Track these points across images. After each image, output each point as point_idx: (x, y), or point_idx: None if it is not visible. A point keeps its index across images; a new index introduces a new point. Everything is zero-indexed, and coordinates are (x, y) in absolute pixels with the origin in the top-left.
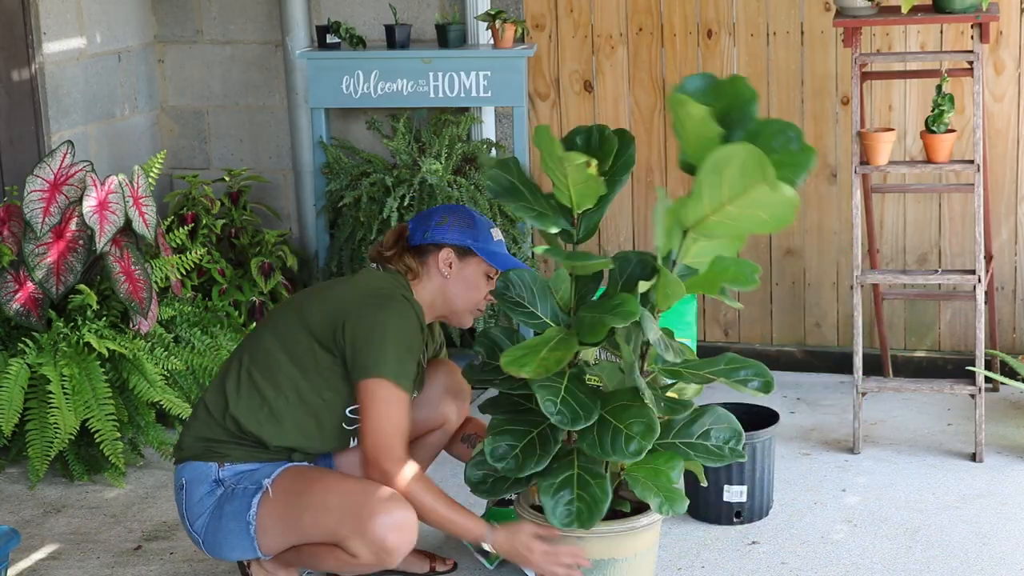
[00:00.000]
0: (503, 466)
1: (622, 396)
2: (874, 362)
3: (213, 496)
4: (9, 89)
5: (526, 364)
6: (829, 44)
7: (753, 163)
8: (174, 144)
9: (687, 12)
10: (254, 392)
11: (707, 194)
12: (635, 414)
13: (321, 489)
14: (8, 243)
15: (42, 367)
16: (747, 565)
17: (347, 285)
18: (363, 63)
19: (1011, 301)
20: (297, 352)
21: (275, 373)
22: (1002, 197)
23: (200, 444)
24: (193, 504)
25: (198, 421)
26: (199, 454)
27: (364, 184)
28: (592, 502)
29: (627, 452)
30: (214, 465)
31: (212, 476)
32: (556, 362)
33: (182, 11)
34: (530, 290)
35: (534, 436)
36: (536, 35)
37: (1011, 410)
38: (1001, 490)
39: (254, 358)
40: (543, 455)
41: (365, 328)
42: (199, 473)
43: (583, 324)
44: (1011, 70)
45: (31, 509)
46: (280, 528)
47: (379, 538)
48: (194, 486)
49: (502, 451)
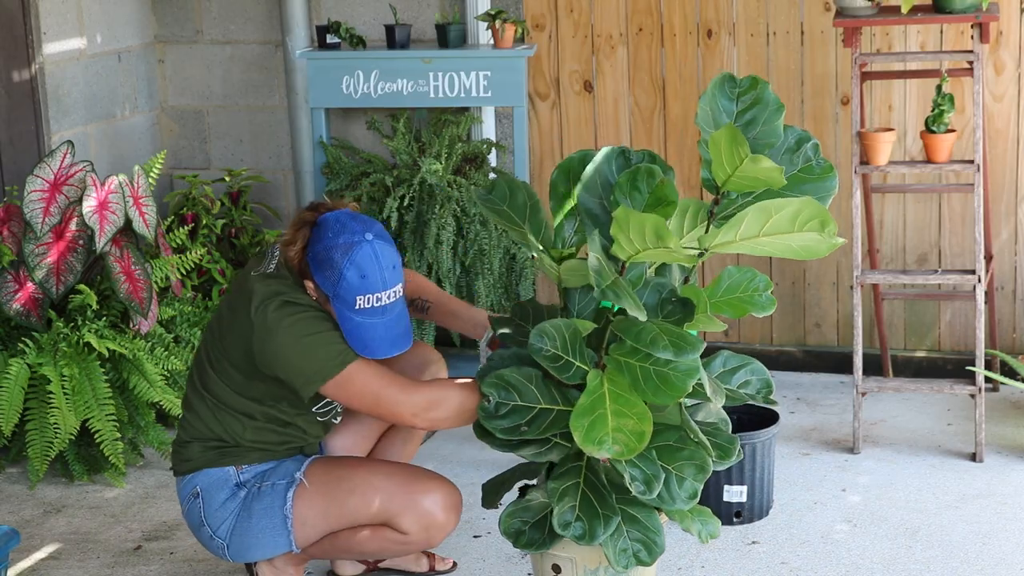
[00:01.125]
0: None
1: (666, 436)
2: (874, 362)
3: (236, 499)
4: (9, 89)
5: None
6: (829, 44)
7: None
8: (174, 144)
9: (687, 12)
10: (229, 417)
11: (746, 227)
12: (687, 456)
13: (365, 471)
14: (8, 243)
15: (42, 367)
16: (747, 565)
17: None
18: (363, 63)
19: (1011, 301)
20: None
21: (234, 406)
22: (1002, 197)
23: (210, 453)
24: (214, 511)
25: (198, 435)
26: (212, 460)
27: (364, 184)
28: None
29: (682, 496)
30: (231, 469)
31: (232, 480)
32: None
33: (182, 11)
34: (562, 338)
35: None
36: (536, 35)
37: (1011, 410)
38: (1001, 490)
39: (212, 392)
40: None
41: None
42: (216, 479)
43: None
44: (1011, 70)
45: (31, 509)
46: (322, 515)
47: (429, 513)
48: (212, 492)
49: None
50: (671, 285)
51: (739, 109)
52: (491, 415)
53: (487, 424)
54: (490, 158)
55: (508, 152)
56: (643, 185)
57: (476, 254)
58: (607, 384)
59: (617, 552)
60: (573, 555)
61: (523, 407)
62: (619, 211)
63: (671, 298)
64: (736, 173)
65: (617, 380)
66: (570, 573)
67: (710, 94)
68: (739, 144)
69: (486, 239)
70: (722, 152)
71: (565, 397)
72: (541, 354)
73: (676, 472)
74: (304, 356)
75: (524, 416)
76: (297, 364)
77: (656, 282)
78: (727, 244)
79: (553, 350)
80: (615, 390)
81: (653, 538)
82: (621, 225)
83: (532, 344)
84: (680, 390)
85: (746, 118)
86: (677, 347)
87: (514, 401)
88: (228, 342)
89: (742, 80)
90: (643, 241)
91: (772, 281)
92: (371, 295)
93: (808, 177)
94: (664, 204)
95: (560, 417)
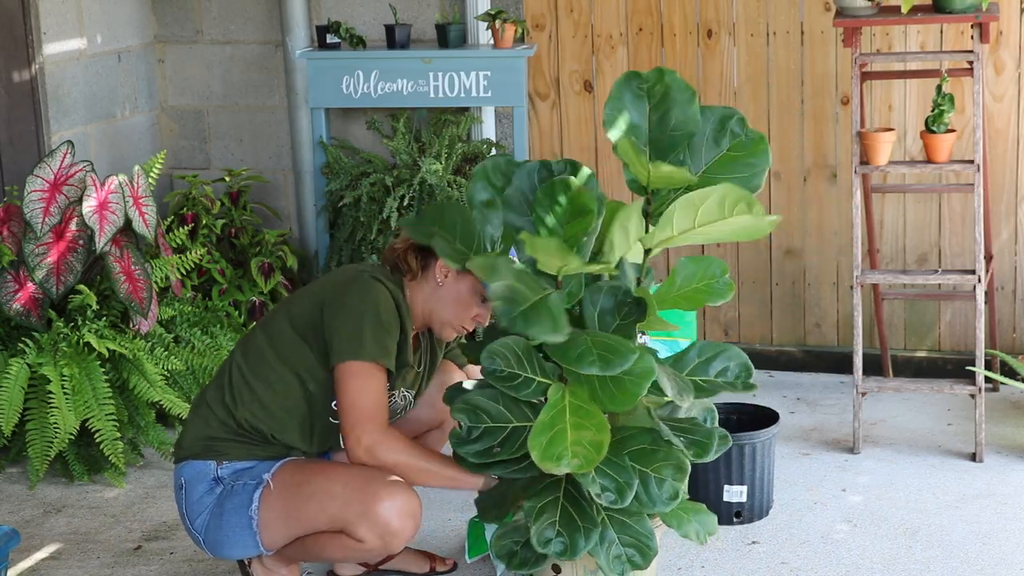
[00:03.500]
0: (553, 550)
1: (640, 439)
2: (874, 362)
3: (212, 495)
4: (9, 89)
5: (561, 455)
6: (829, 44)
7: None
8: (174, 144)
9: (687, 12)
10: (245, 387)
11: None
12: (663, 457)
13: (323, 477)
14: (8, 243)
15: (42, 367)
16: (747, 565)
17: (328, 277)
18: (363, 63)
19: (1011, 301)
20: (283, 348)
21: (264, 369)
22: (1002, 197)
23: (199, 443)
24: (192, 503)
25: (198, 418)
26: (198, 453)
27: (364, 184)
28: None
29: (662, 499)
30: (212, 463)
31: (211, 474)
32: (596, 448)
33: (182, 11)
34: (515, 355)
35: (563, 502)
36: (536, 35)
37: (1011, 410)
38: (1001, 490)
39: (246, 355)
40: (588, 527)
41: (338, 313)
42: (198, 472)
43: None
44: (1011, 70)
45: (31, 509)
46: (283, 520)
47: (384, 521)
48: (193, 485)
49: (547, 534)
50: (626, 287)
51: (651, 104)
52: (463, 440)
53: (459, 450)
54: None
55: (508, 152)
56: (561, 197)
57: None
58: (568, 397)
59: (611, 560)
60: None
61: (495, 428)
62: (525, 240)
63: (626, 299)
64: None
65: (578, 392)
66: (570, 573)
67: (615, 96)
68: (637, 154)
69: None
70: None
71: (535, 411)
72: (495, 376)
73: (655, 474)
74: (360, 325)
75: (496, 437)
76: (350, 327)
77: (611, 285)
78: (668, 240)
79: (507, 369)
80: (575, 402)
81: (646, 542)
82: (531, 251)
83: (484, 367)
84: (634, 395)
85: (660, 112)
86: (604, 360)
87: (485, 424)
88: (300, 300)
89: (647, 74)
90: (552, 262)
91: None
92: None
93: (739, 154)
94: (583, 214)
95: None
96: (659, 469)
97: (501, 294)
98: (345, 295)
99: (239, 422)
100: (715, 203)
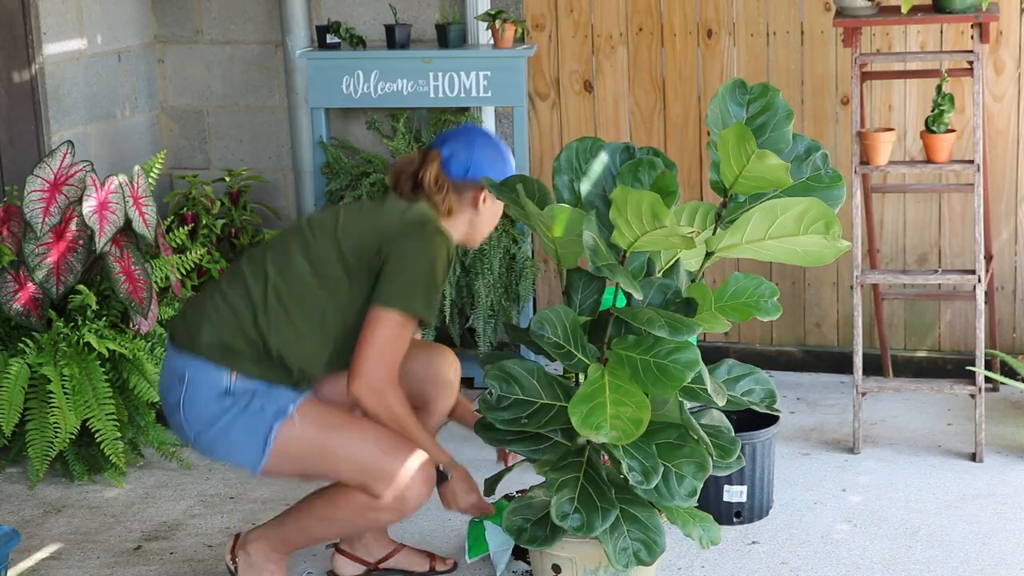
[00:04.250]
0: (570, 524)
1: (667, 433)
2: (874, 362)
3: (220, 405)
4: (9, 89)
5: (600, 425)
6: (829, 44)
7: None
8: (174, 144)
9: (687, 12)
10: (282, 312)
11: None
12: (687, 453)
13: (356, 429)
14: (8, 243)
15: (42, 367)
16: (747, 565)
17: (384, 212)
18: (363, 63)
19: (1011, 301)
20: (328, 278)
21: (305, 297)
22: (1002, 197)
23: (216, 346)
24: (194, 403)
25: (219, 318)
26: (213, 354)
27: (364, 184)
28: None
29: (680, 494)
30: (225, 373)
31: (223, 385)
32: (635, 424)
33: (182, 11)
34: (563, 327)
35: (582, 481)
36: (536, 35)
37: (1011, 410)
38: (1001, 490)
39: (284, 276)
40: (606, 508)
41: (404, 257)
42: (208, 376)
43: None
44: (1011, 70)
45: (31, 509)
46: (303, 457)
47: (406, 484)
48: (199, 387)
49: (566, 508)
50: (676, 286)
51: (749, 115)
52: (492, 407)
53: (488, 415)
54: None
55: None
56: (644, 176)
57: (476, 254)
58: (608, 376)
59: (617, 551)
60: (573, 555)
61: (524, 401)
62: (617, 190)
63: (675, 299)
64: (744, 173)
65: (618, 372)
66: (570, 573)
67: (721, 98)
68: (747, 140)
69: (486, 239)
70: (730, 150)
71: (567, 393)
72: (543, 340)
73: (676, 469)
74: (418, 278)
75: (525, 410)
76: (408, 277)
77: (662, 282)
78: (733, 247)
79: (554, 338)
80: (615, 381)
81: (654, 538)
82: (619, 206)
83: (533, 330)
84: (679, 380)
85: (756, 124)
86: (673, 327)
87: (516, 395)
88: (353, 229)
89: (752, 87)
90: (640, 222)
91: (773, 283)
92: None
93: (816, 185)
94: (667, 195)
95: (561, 413)
96: (681, 465)
97: (590, 244)
98: (409, 242)
99: (269, 349)
100: (795, 216)
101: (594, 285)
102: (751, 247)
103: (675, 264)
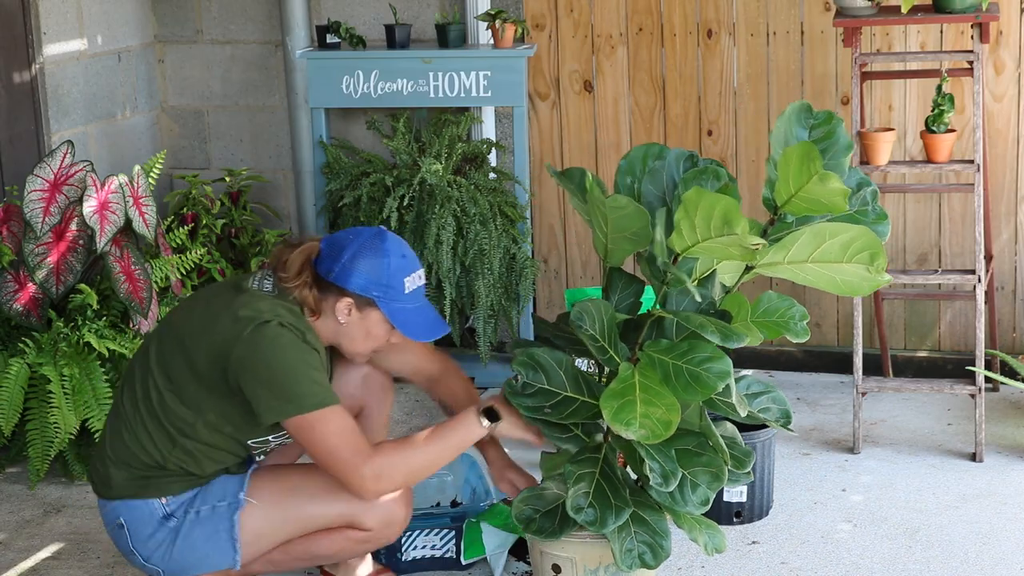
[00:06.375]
0: (583, 518)
1: (685, 440)
2: (874, 362)
3: (165, 529)
4: (9, 89)
5: (630, 422)
6: (829, 44)
7: (861, 244)
8: (174, 144)
9: (687, 12)
10: (162, 432)
11: (796, 250)
12: (705, 462)
13: (313, 479)
14: (8, 243)
15: (42, 367)
16: (747, 565)
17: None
18: (363, 63)
19: (1011, 301)
20: (187, 396)
21: (172, 417)
22: (1002, 197)
23: (131, 485)
24: (143, 542)
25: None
26: (135, 492)
27: (364, 184)
28: None
29: (693, 501)
30: (155, 502)
31: (158, 513)
32: (664, 425)
33: (182, 11)
34: (600, 322)
35: (598, 478)
36: (536, 35)
37: (1011, 410)
38: (1001, 490)
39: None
40: (620, 506)
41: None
42: (140, 513)
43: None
44: (1011, 70)
45: (31, 509)
46: (278, 526)
47: (392, 508)
48: (138, 525)
49: (580, 502)
50: (711, 298)
51: (811, 139)
52: (517, 392)
53: (513, 400)
54: (490, 158)
55: (508, 152)
56: (708, 185)
57: (476, 254)
58: (638, 376)
59: (623, 552)
60: (573, 555)
61: (549, 391)
62: (691, 191)
63: (710, 309)
64: (800, 192)
65: (648, 374)
66: (570, 573)
67: (787, 118)
68: (812, 159)
69: (486, 239)
70: (791, 167)
71: (591, 389)
72: (582, 331)
73: (691, 477)
74: (287, 381)
75: (549, 399)
76: (277, 387)
77: (700, 291)
78: (774, 265)
79: (592, 330)
80: (645, 382)
81: (660, 542)
82: (688, 208)
83: (573, 320)
84: (710, 388)
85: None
86: (724, 333)
87: (541, 383)
88: (197, 345)
89: (818, 113)
90: (708, 227)
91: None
92: (415, 273)
93: (862, 220)
94: None
95: (583, 407)
96: (697, 473)
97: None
98: (247, 355)
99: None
100: (842, 242)
101: (633, 287)
102: (792, 268)
103: (712, 274)
